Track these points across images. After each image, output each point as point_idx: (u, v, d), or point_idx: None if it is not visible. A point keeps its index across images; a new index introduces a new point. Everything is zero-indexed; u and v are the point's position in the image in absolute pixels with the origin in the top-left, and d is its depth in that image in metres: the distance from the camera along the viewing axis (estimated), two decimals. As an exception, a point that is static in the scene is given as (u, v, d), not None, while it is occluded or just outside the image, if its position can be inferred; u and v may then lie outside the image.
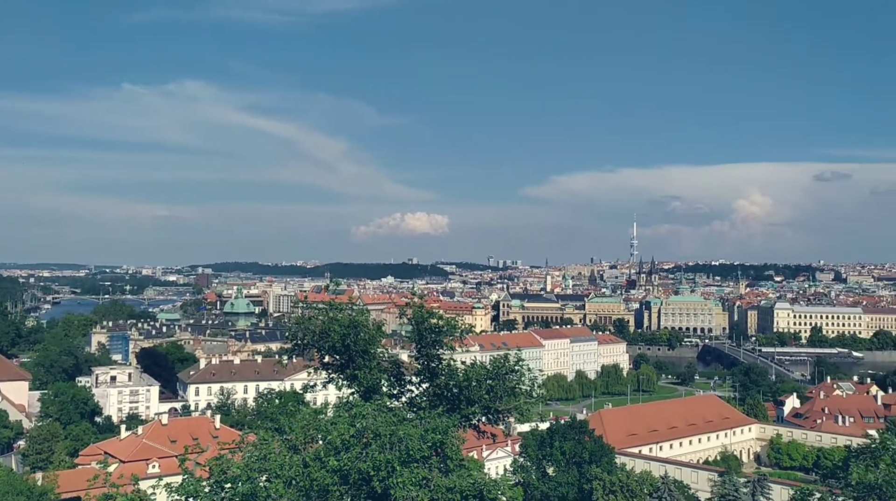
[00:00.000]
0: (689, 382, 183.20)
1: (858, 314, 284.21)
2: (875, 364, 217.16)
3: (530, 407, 21.04)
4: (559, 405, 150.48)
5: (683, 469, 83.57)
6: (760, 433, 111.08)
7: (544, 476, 69.38)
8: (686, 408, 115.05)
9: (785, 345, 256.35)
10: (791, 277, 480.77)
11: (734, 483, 68.33)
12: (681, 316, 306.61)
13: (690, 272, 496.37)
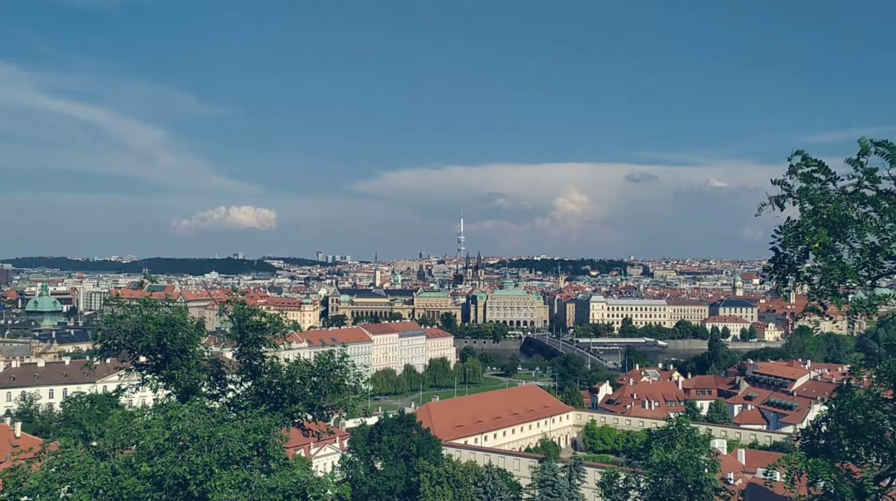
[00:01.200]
0: (513, 373, 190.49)
1: (663, 305, 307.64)
2: (677, 352, 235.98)
3: (356, 403, 20.99)
4: (388, 400, 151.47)
5: (507, 458, 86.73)
6: (577, 420, 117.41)
7: (372, 471, 69.61)
8: (509, 398, 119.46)
9: (600, 336, 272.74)
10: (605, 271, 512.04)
11: (552, 468, 71.78)
12: (505, 310, 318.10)
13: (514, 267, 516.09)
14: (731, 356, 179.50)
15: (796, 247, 9.65)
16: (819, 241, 9.19)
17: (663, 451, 19.79)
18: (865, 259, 9.47)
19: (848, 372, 12.91)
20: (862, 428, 11.07)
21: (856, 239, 9.57)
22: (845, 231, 9.49)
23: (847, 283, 9.80)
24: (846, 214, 9.42)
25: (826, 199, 9.52)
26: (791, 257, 9.87)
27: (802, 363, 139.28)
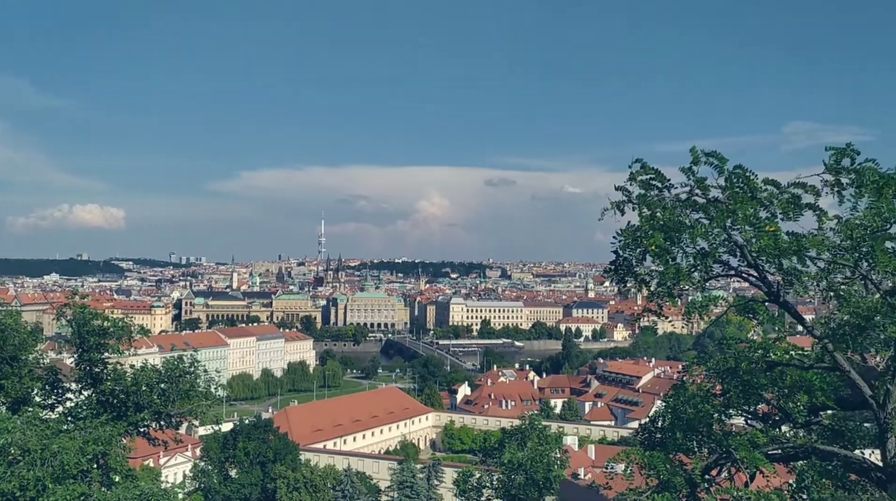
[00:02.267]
0: (373, 375, 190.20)
1: (520, 307, 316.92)
2: (533, 352, 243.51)
3: (207, 410, 20.27)
4: (245, 405, 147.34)
5: (366, 461, 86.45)
6: (436, 421, 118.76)
7: (227, 479, 67.41)
8: (369, 401, 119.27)
9: (459, 337, 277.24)
10: (465, 274, 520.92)
11: (411, 469, 72.24)
12: (366, 312, 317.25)
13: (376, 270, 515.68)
14: (583, 356, 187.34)
15: (635, 250, 10.19)
16: (655, 244, 9.74)
17: (515, 449, 20.34)
18: (697, 263, 10.12)
19: (683, 369, 13.75)
20: (693, 422, 11.81)
21: (689, 243, 10.21)
22: (679, 236, 10.11)
23: (681, 285, 10.43)
24: (680, 219, 10.04)
25: (662, 205, 10.12)
26: (630, 260, 10.42)
27: (647, 361, 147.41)
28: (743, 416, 13.72)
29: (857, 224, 9.64)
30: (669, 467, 10.97)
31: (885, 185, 9.51)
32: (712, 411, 11.86)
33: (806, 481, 11.78)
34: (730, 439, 11.30)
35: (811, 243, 9.82)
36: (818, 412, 12.95)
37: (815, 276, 10.53)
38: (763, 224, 9.41)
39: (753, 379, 11.53)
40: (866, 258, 9.64)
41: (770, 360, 11.25)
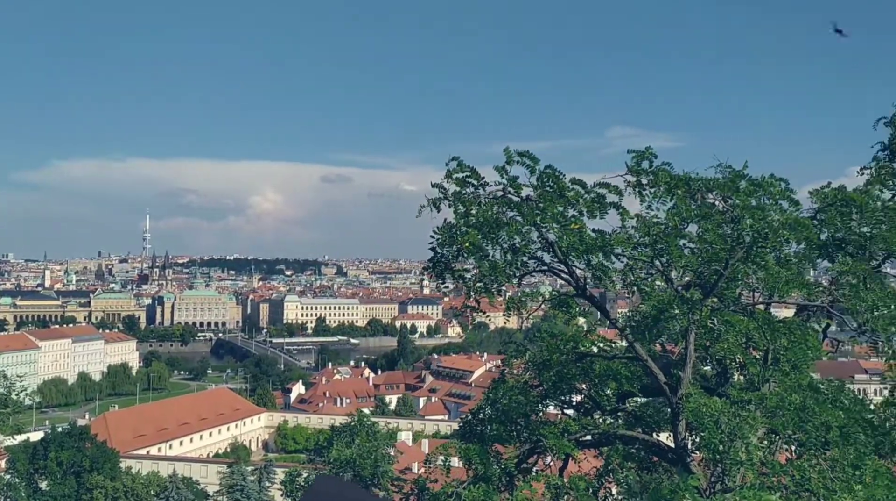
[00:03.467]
0: (202, 377, 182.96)
1: (356, 304, 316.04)
2: (369, 349, 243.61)
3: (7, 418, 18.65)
4: (59, 412, 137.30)
5: (193, 465, 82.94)
6: (269, 421, 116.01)
7: (36, 492, 62.57)
8: (198, 403, 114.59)
9: (294, 335, 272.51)
10: (300, 271, 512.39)
11: (242, 472, 70.08)
12: (196, 311, 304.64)
13: (206, 267, 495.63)
14: (418, 352, 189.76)
15: (451, 247, 10.38)
16: (470, 241, 9.97)
17: (343, 447, 20.19)
18: (511, 259, 10.45)
19: (502, 363, 14.20)
20: (509, 413, 12.23)
21: (505, 240, 10.52)
22: (495, 233, 10.40)
23: (498, 281, 10.74)
24: (496, 217, 10.33)
25: (478, 203, 10.36)
26: (447, 257, 10.60)
27: (480, 355, 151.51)
28: (558, 406, 14.38)
29: (654, 222, 10.32)
30: (486, 458, 11.27)
31: (676, 186, 10.25)
32: (527, 402, 12.32)
33: (612, 464, 12.51)
34: (543, 428, 11.76)
35: (615, 241, 10.41)
36: (626, 399, 13.80)
37: (620, 271, 11.18)
38: (569, 222, 9.86)
39: (566, 370, 12.10)
40: (663, 255, 10.34)
41: (580, 351, 11.84)
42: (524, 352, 13.53)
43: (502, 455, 11.75)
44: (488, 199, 10.38)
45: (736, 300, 11.66)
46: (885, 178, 12.59)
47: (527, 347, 14.08)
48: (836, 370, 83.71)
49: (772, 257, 11.02)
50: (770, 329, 10.65)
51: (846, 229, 11.53)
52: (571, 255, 10.26)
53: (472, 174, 10.39)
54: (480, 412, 13.55)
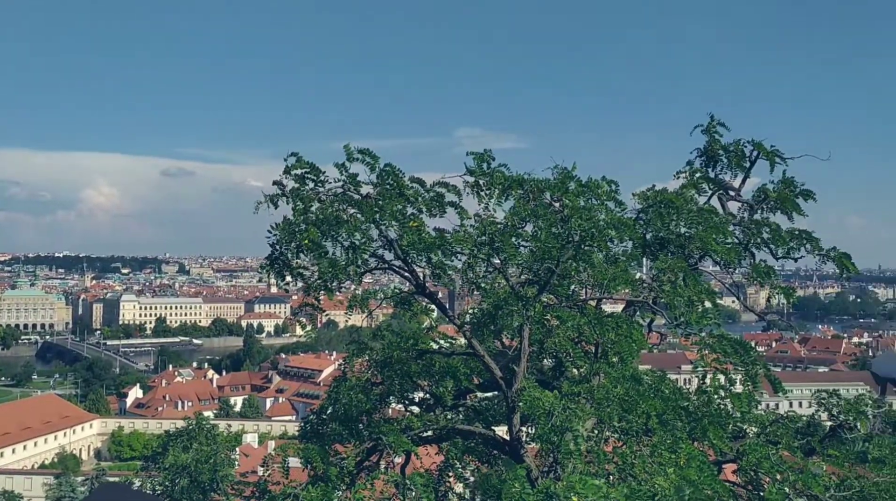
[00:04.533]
0: (26, 383, 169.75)
1: (199, 303, 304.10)
2: (213, 350, 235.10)
3: None
4: None
5: (15, 478, 76.91)
6: (103, 428, 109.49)
7: None
8: (21, 411, 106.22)
9: (131, 337, 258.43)
10: (138, 269, 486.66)
11: (71, 483, 65.76)
12: (18, 312, 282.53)
13: (31, 265, 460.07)
14: (265, 352, 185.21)
15: (290, 244, 10.20)
16: (308, 238, 9.84)
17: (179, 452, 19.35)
18: (351, 257, 10.40)
19: (343, 361, 14.12)
20: (350, 412, 12.19)
21: (345, 238, 10.46)
22: (336, 231, 10.31)
23: (339, 278, 10.66)
24: (337, 214, 10.25)
25: (318, 199, 10.25)
26: (286, 254, 10.41)
27: (329, 354, 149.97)
28: (402, 403, 14.48)
29: (491, 222, 10.61)
30: (325, 458, 11.17)
31: (511, 187, 10.60)
32: (368, 400, 12.33)
33: (452, 459, 12.75)
34: (383, 426, 11.81)
35: (454, 239, 10.60)
36: (466, 395, 14.10)
37: (460, 269, 11.40)
38: (408, 220, 9.95)
39: (407, 368, 12.20)
40: (500, 253, 10.64)
41: (420, 349, 11.97)
42: (365, 350, 13.52)
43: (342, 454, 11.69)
44: (328, 196, 10.28)
45: (569, 297, 12.19)
46: (699, 182, 13.59)
47: (368, 345, 14.07)
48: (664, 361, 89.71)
49: (600, 255, 11.62)
50: (599, 324, 11.21)
51: (666, 230, 12.33)
52: (411, 253, 10.35)
53: (312, 170, 10.25)
54: (322, 412, 13.41)
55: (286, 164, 10.16)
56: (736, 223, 14.49)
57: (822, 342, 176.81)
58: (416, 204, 10.22)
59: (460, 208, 10.63)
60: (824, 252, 14.33)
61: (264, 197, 9.94)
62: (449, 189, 10.43)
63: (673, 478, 8.31)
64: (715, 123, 14.89)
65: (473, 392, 14.11)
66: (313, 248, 9.98)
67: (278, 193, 10.11)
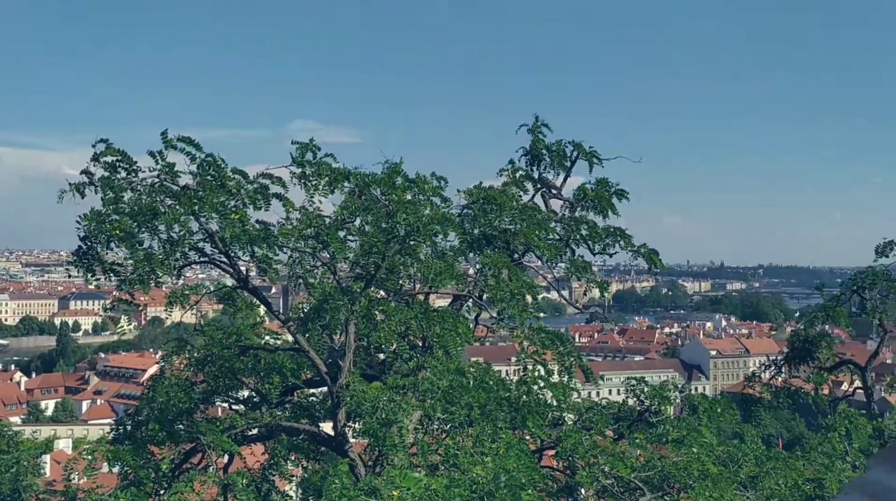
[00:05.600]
0: None
1: (6, 300, 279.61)
2: (21, 350, 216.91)
3: None
4: None
5: None
6: None
7: None
8: None
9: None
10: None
11: None
12: None
13: None
14: (81, 351, 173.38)
15: (100, 236, 9.55)
16: (120, 229, 9.26)
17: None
18: (169, 249, 9.90)
19: (162, 359, 13.45)
20: (168, 412, 11.62)
21: (162, 230, 9.93)
22: (153, 223, 9.77)
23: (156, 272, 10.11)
24: (153, 205, 9.71)
25: (132, 189, 9.67)
26: (96, 247, 9.74)
27: (153, 353, 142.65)
28: (226, 401, 14.01)
29: (318, 215, 10.46)
30: (138, 461, 10.59)
31: (336, 179, 10.50)
32: (189, 400, 11.81)
33: (277, 457, 12.48)
34: (203, 426, 11.36)
35: (280, 232, 10.35)
36: (294, 391, 13.85)
37: (287, 263, 11.17)
38: (229, 212, 9.61)
39: (230, 365, 11.79)
40: (327, 247, 10.51)
41: (243, 345, 11.61)
42: (185, 347, 12.94)
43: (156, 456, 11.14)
44: (143, 186, 9.72)
45: (398, 291, 12.26)
46: (521, 180, 14.12)
47: (189, 342, 13.49)
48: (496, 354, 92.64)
49: (428, 250, 11.80)
50: (426, 318, 11.36)
51: (489, 225, 12.70)
52: (234, 246, 10.00)
53: (124, 159, 9.65)
54: (138, 413, 12.71)
55: (94, 151, 9.49)
56: (557, 220, 15.17)
57: (638, 333, 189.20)
58: (238, 196, 9.88)
59: (286, 201, 10.40)
60: (636, 248, 15.30)
61: (69, 186, 9.24)
62: (274, 181, 10.17)
63: (491, 467, 8.57)
64: (539, 123, 15.50)
65: (301, 389, 13.89)
66: (126, 239, 9.38)
67: (85, 181, 9.43)
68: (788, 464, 12.23)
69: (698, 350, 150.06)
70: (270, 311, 11.50)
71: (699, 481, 10.62)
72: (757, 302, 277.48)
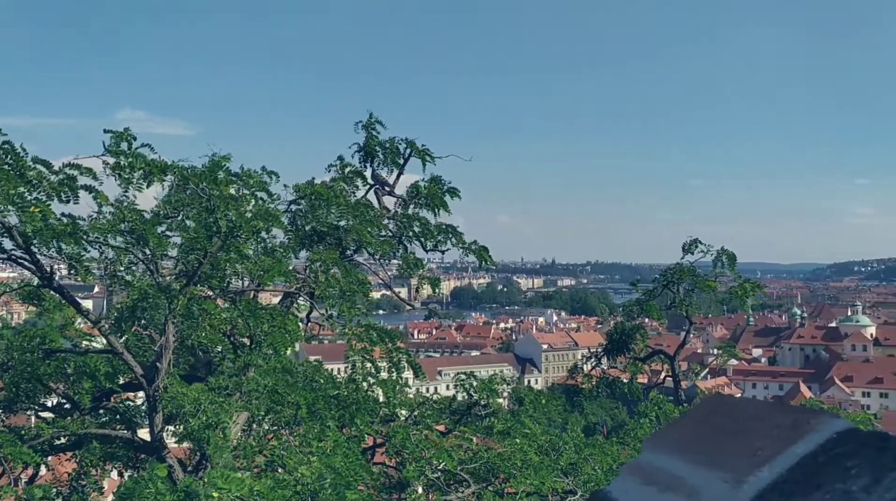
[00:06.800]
0: None
1: None
2: None
3: None
4: None
5: None
6: None
7: None
8: None
9: None
10: None
11: None
12: None
13: None
14: None
15: None
16: None
17: None
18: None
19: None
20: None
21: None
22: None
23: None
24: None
25: None
26: None
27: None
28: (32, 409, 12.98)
29: (134, 209, 9.86)
30: None
31: (152, 171, 9.96)
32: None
33: (86, 466, 11.69)
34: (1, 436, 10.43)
35: (91, 227, 9.67)
36: (110, 396, 13.01)
37: (100, 261, 10.46)
38: (29, 205, 8.85)
39: (33, 370, 10.90)
40: (145, 243, 9.92)
41: (48, 348, 10.79)
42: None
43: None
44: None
45: (225, 289, 11.81)
46: (349, 176, 14.08)
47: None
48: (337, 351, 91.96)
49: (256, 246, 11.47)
50: (253, 316, 11.02)
51: (318, 221, 12.53)
52: (36, 241, 9.22)
53: None
54: None
55: None
56: (390, 217, 15.22)
57: (474, 329, 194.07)
58: (40, 187, 9.09)
59: (98, 193, 9.70)
60: (467, 245, 15.64)
61: None
62: (83, 172, 9.46)
63: (316, 466, 8.44)
64: (373, 120, 15.48)
65: (118, 393, 13.08)
66: None
67: None
68: (605, 450, 12.93)
69: (531, 344, 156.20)
70: (79, 311, 10.73)
71: (522, 470, 11.00)
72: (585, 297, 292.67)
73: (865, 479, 0.92)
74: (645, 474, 1.21)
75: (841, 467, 0.96)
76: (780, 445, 1.08)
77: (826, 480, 0.95)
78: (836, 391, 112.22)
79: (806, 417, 1.12)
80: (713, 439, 1.19)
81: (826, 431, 1.05)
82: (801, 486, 0.97)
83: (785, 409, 1.23)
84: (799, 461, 1.03)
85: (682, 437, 1.26)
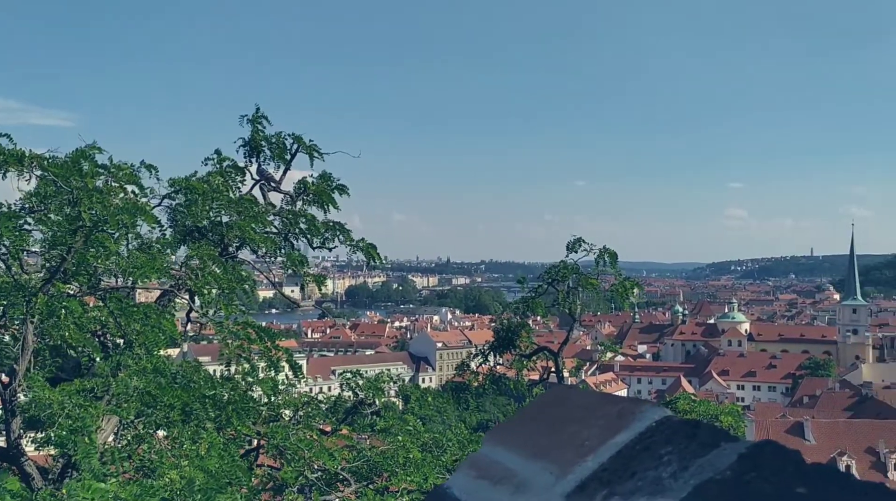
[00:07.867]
0: None
1: None
2: None
3: None
4: None
5: None
6: None
7: None
8: None
9: None
10: None
11: None
12: None
13: None
14: None
15: None
16: None
17: None
18: None
19: None
20: None
21: None
22: None
23: None
24: None
25: None
26: None
27: None
28: None
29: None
30: None
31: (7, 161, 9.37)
32: None
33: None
34: None
35: None
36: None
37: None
38: None
39: None
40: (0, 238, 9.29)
41: None
42: None
43: None
44: None
45: (96, 286, 11.23)
46: (227, 171, 13.69)
47: None
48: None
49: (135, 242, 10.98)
50: (124, 314, 10.53)
51: (195, 217, 12.12)
52: None
53: None
54: None
55: None
56: (276, 213, 14.88)
57: (369, 327, 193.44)
58: None
59: None
60: (355, 243, 15.48)
61: None
62: None
63: (186, 470, 8.12)
64: (260, 114, 15.10)
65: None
66: None
67: None
68: (488, 446, 13.05)
69: (426, 343, 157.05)
70: None
71: (404, 467, 10.96)
72: (479, 296, 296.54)
73: (674, 466, 0.92)
74: (481, 467, 1.19)
75: (655, 454, 0.97)
76: (605, 435, 1.07)
77: (640, 467, 0.96)
78: (713, 384, 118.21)
79: (631, 407, 1.12)
80: (546, 431, 1.18)
81: (647, 420, 1.06)
82: (618, 474, 0.97)
83: (614, 400, 1.22)
84: (620, 450, 1.03)
85: (519, 430, 1.24)
